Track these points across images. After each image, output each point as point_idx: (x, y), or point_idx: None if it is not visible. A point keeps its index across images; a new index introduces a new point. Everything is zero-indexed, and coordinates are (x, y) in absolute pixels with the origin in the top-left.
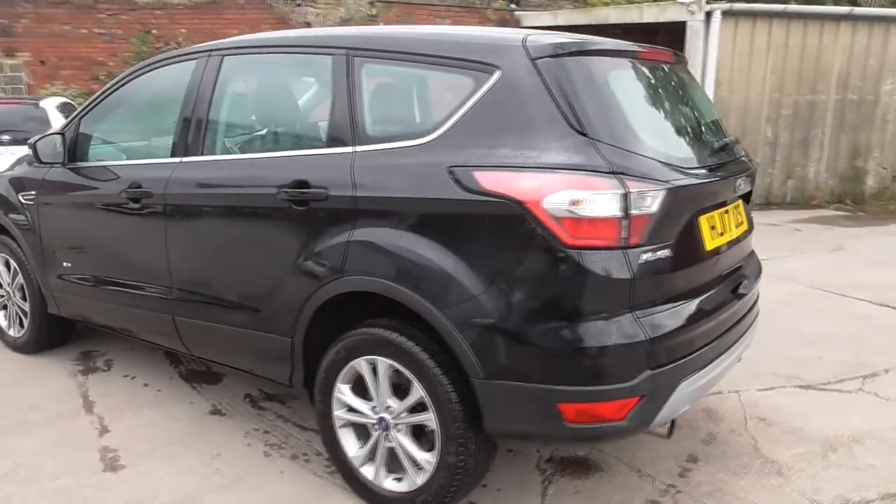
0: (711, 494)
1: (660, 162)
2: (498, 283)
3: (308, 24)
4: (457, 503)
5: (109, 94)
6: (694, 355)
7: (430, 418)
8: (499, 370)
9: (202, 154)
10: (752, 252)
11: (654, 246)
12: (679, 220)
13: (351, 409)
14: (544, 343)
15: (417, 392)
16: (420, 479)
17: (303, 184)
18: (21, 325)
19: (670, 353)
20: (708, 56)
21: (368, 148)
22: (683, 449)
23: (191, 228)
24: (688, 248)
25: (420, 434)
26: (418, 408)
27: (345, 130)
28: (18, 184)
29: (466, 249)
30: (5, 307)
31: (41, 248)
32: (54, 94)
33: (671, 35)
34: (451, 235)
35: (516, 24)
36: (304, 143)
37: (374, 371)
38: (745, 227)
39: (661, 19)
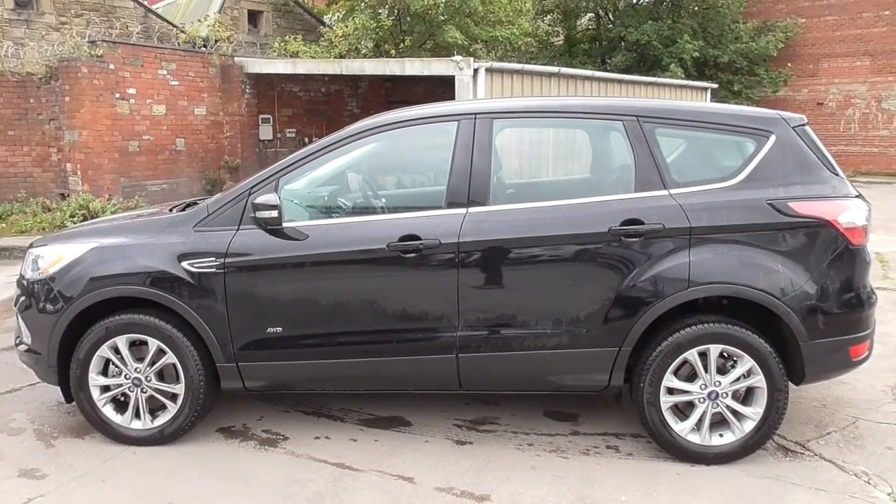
0: None
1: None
2: (814, 274)
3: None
4: None
5: (320, 155)
6: None
7: (759, 380)
8: (818, 332)
9: (494, 203)
10: None
11: None
12: None
13: (672, 392)
14: (844, 308)
15: (746, 364)
16: (747, 426)
17: (635, 221)
18: (153, 413)
19: None
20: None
21: (682, 190)
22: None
23: (496, 269)
24: None
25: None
26: (740, 377)
27: (653, 178)
28: (176, 252)
29: (789, 255)
30: (117, 399)
31: (226, 318)
32: None
33: (427, 85)
34: (775, 247)
35: (240, 70)
36: (612, 190)
37: (702, 357)
38: None
39: (426, 73)
